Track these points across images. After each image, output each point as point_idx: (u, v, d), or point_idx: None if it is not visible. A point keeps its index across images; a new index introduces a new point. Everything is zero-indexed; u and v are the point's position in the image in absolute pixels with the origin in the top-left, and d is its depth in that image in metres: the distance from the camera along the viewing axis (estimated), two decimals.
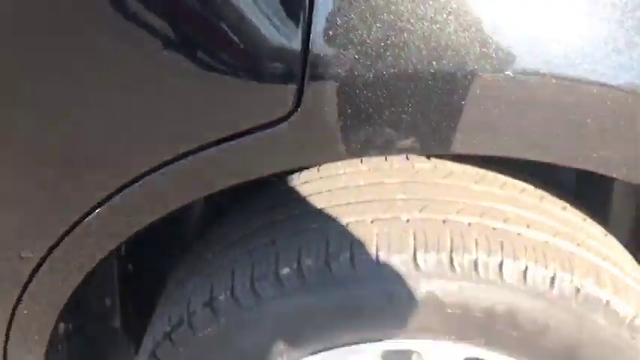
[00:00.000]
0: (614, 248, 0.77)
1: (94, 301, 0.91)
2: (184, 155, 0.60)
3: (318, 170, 0.82)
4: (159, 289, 0.88)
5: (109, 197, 0.63)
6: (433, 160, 0.80)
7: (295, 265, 0.69)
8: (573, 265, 0.68)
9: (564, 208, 0.78)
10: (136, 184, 0.62)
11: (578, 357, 0.70)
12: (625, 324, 0.69)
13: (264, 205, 0.82)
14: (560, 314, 0.67)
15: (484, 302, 0.67)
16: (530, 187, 0.79)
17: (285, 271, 0.69)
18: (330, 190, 0.78)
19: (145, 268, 0.95)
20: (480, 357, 0.73)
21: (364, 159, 0.81)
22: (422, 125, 0.58)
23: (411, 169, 0.79)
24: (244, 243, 0.77)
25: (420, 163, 0.80)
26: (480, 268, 0.66)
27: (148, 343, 0.80)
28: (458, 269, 0.66)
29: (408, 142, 0.58)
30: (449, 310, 0.67)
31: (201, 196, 0.66)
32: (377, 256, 0.67)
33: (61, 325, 0.84)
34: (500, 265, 0.66)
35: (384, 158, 0.81)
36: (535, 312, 0.67)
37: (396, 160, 0.81)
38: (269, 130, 0.58)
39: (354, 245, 0.68)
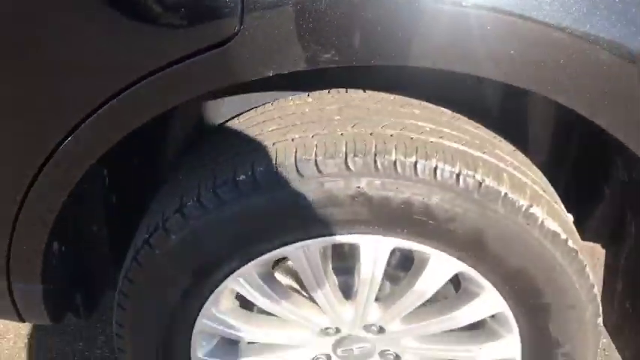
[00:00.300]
0: (518, 158, 0.93)
1: (84, 227, 1.06)
2: (156, 71, 0.74)
3: (272, 104, 0.98)
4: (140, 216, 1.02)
5: (98, 108, 0.77)
6: (368, 91, 0.96)
7: (250, 172, 0.84)
8: (477, 165, 0.83)
9: (477, 127, 0.94)
10: (118, 97, 0.76)
11: (484, 240, 0.85)
12: (521, 212, 0.84)
13: (228, 133, 0.97)
14: (466, 204, 0.83)
15: (402, 195, 0.82)
16: (449, 111, 0.94)
17: (242, 177, 0.84)
18: (280, 117, 0.93)
19: (128, 200, 1.10)
20: (405, 247, 0.88)
21: (311, 94, 0.97)
22: (341, 40, 0.73)
23: (348, 98, 0.94)
24: (209, 163, 0.92)
25: (357, 94, 0.95)
26: (398, 167, 0.81)
27: (130, 252, 0.94)
28: (380, 168, 0.81)
29: (329, 56, 0.73)
30: (374, 202, 0.83)
31: (174, 104, 0.80)
32: (316, 160, 0.82)
33: (55, 244, 0.99)
34: (415, 164, 0.81)
35: (327, 92, 0.97)
36: (445, 203, 0.82)
37: (337, 92, 0.96)
38: (217, 50, 0.73)
39: (298, 153, 0.83)
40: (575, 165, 1.09)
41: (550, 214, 0.86)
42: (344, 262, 0.98)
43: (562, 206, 0.94)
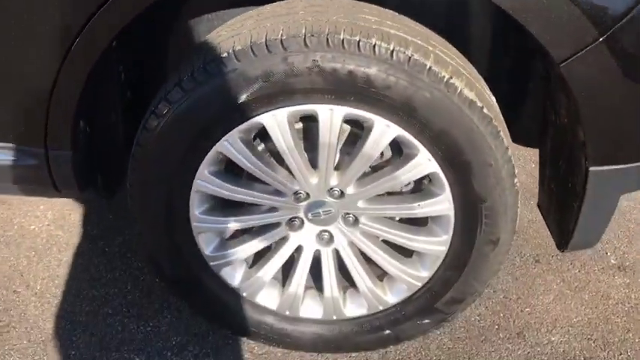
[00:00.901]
0: (448, 47, 1.16)
1: (104, 115, 1.31)
2: None
3: (253, 10, 1.22)
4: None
5: None
6: None
7: (230, 51, 1.08)
8: (408, 44, 1.07)
9: (417, 25, 1.17)
10: None
11: (413, 105, 1.08)
12: (442, 82, 1.07)
13: (216, 28, 1.21)
14: (398, 74, 1.06)
15: (348, 66, 1.06)
16: (394, 12, 1.18)
17: (224, 55, 1.08)
18: (258, 15, 1.17)
19: (140, 95, 1.35)
20: (354, 114, 1.12)
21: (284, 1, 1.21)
22: None
23: (313, 2, 1.18)
24: (201, 48, 1.16)
25: None
26: (345, 44, 1.05)
27: (141, 123, 1.19)
28: (331, 45, 1.05)
29: None
30: (326, 72, 1.06)
31: None
32: (281, 40, 1.06)
33: (81, 122, 1.24)
34: (358, 42, 1.05)
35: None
36: (382, 73, 1.06)
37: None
38: None
39: (268, 35, 1.07)
40: (504, 67, 1.32)
41: (468, 86, 1.09)
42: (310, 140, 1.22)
43: (485, 87, 1.17)
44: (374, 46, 1.05)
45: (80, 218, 1.81)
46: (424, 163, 1.16)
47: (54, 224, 1.78)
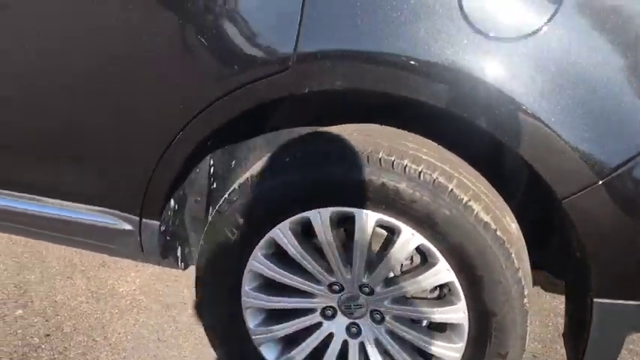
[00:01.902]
0: (476, 177, 1.34)
1: (190, 197, 1.60)
2: (241, 86, 1.29)
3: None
4: None
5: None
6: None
7: (289, 156, 1.34)
8: (436, 168, 1.27)
9: (450, 154, 1.37)
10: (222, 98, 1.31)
11: (434, 219, 1.27)
12: (462, 204, 1.25)
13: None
14: (423, 191, 1.26)
15: (382, 179, 1.27)
16: (433, 142, 1.39)
17: (278, 160, 1.35)
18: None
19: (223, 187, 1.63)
20: (385, 220, 1.32)
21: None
22: None
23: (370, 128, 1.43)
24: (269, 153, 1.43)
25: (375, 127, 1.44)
26: (382, 162, 1.28)
27: (215, 210, 1.46)
28: (370, 161, 1.28)
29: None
30: (370, 187, 1.28)
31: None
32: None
33: (172, 201, 1.54)
34: (393, 161, 1.27)
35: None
36: (409, 189, 1.26)
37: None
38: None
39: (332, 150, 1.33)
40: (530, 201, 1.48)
41: (485, 210, 1.26)
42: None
43: (507, 214, 1.33)
44: (405, 166, 1.27)
45: (161, 288, 2.08)
46: (443, 272, 1.32)
47: (139, 290, 2.07)
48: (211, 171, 1.60)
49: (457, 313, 1.35)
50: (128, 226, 1.54)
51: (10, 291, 2.03)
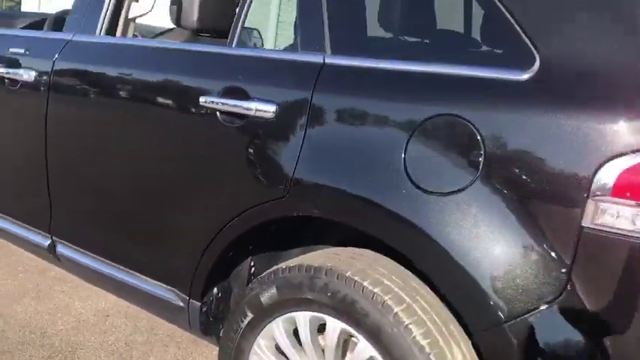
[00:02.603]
0: (429, 300, 1.55)
1: (235, 289, 2.01)
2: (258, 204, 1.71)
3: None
4: None
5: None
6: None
7: (285, 266, 1.69)
8: (389, 292, 1.52)
9: (418, 284, 1.60)
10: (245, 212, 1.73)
11: (381, 335, 1.50)
12: (402, 325, 1.48)
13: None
14: (374, 310, 1.52)
15: (344, 293, 1.56)
16: (408, 272, 1.64)
17: (291, 264, 1.70)
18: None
19: None
20: (347, 329, 1.58)
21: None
22: None
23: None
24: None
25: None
26: (346, 280, 1.57)
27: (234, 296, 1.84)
28: (338, 279, 1.58)
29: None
30: (332, 294, 1.58)
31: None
32: (313, 267, 1.64)
33: (215, 288, 1.95)
34: (354, 281, 1.55)
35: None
36: (363, 306, 1.53)
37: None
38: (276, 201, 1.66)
39: (308, 262, 1.66)
40: None
41: (424, 335, 1.47)
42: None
43: (457, 342, 1.51)
44: (363, 286, 1.54)
45: None
46: None
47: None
48: (252, 270, 2.00)
49: None
50: (181, 303, 1.99)
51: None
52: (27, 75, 2.28)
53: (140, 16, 2.30)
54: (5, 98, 2.44)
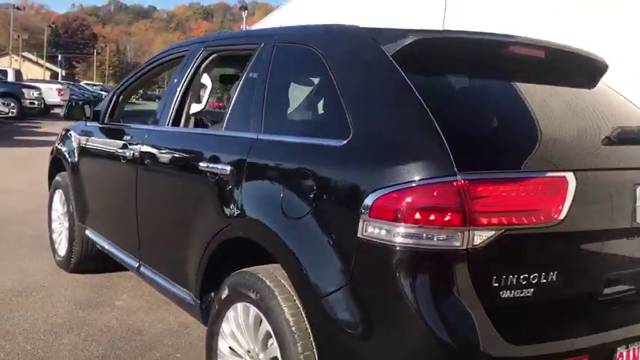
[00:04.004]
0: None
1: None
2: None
3: None
4: None
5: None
6: None
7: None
8: (278, 285, 2.32)
9: None
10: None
11: (268, 312, 2.29)
12: (280, 307, 2.26)
13: None
14: (266, 296, 2.33)
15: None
16: None
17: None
18: None
19: None
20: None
21: None
22: None
23: None
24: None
25: None
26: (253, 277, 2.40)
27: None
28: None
29: None
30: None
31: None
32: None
33: (212, 293, 2.87)
34: (259, 276, 2.38)
35: None
36: (262, 295, 2.35)
37: None
38: None
39: None
40: None
41: (290, 309, 2.22)
42: None
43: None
44: (263, 282, 2.35)
45: None
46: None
47: None
48: None
49: None
50: (192, 302, 2.94)
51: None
52: (128, 153, 3.52)
53: (198, 111, 3.42)
54: (118, 168, 3.71)
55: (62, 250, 4.76)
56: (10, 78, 23.34)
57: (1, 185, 8.25)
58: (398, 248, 1.91)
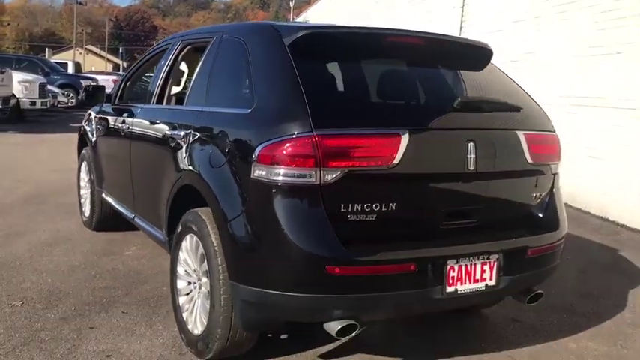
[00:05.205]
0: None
1: None
2: None
3: None
4: None
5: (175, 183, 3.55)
6: None
7: None
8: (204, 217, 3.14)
9: None
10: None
11: (202, 237, 3.12)
12: (207, 229, 3.08)
13: None
14: (200, 225, 3.15)
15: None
16: None
17: None
18: None
19: None
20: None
21: None
22: None
23: None
24: None
25: None
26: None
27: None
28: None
29: None
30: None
31: None
32: None
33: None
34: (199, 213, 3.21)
35: None
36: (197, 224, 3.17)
37: None
38: None
39: None
40: None
41: (214, 236, 3.04)
42: None
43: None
44: (200, 216, 3.17)
45: None
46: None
47: None
48: None
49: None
50: (164, 239, 3.79)
51: None
52: (125, 127, 4.41)
53: (177, 92, 4.27)
54: (119, 138, 4.62)
55: (87, 212, 5.74)
56: (70, 70, 25.01)
57: (54, 165, 9.44)
58: (273, 184, 2.68)
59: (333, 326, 2.70)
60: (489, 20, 10.59)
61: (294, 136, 2.66)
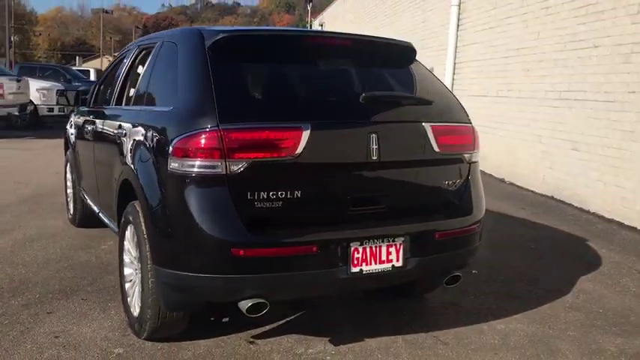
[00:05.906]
0: None
1: None
2: None
3: None
4: None
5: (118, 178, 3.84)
6: None
7: None
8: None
9: None
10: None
11: (135, 227, 3.39)
12: (140, 218, 3.34)
13: None
14: (135, 216, 3.41)
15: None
16: None
17: None
18: None
19: None
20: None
21: None
22: None
23: None
24: None
25: None
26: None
27: None
28: None
29: None
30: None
31: None
32: None
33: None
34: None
35: None
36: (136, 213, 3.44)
37: None
38: None
39: None
40: None
41: (144, 225, 3.30)
42: None
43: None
44: (136, 208, 3.44)
45: None
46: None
47: None
48: None
49: None
50: (116, 230, 4.07)
51: None
52: (90, 127, 4.72)
53: (132, 94, 4.56)
54: (87, 138, 4.94)
55: (71, 209, 6.07)
56: (92, 77, 25.73)
57: (58, 168, 9.83)
58: (185, 175, 2.93)
59: (243, 304, 2.94)
60: (485, 18, 10.69)
61: (201, 130, 2.90)
